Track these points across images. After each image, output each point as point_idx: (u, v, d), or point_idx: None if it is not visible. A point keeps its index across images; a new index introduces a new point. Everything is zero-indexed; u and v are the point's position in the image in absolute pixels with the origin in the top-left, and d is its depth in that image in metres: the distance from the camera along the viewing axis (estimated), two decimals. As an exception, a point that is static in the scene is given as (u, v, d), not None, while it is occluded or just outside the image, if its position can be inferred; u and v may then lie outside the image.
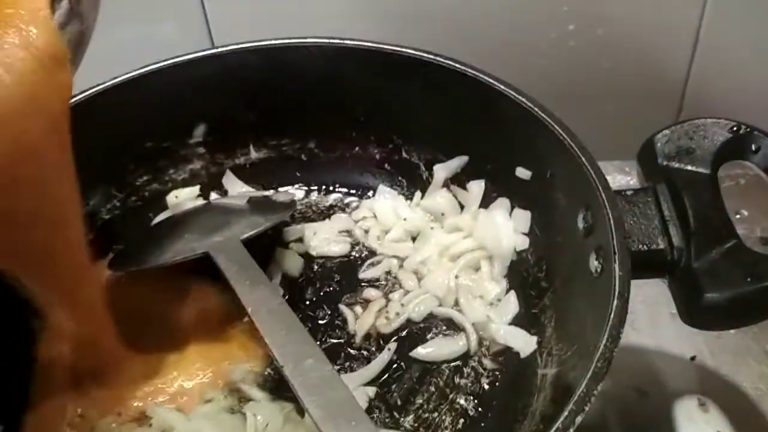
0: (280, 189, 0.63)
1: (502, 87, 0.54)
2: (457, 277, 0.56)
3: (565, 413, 0.37)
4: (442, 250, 0.58)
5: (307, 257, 0.59)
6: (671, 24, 0.77)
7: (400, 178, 0.64)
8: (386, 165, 0.64)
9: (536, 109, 0.52)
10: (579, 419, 0.37)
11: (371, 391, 0.50)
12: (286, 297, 0.55)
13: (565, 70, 0.81)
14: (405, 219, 0.61)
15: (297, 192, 0.64)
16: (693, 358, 0.60)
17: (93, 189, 0.59)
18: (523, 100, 0.53)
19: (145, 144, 0.61)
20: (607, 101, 0.83)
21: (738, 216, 0.71)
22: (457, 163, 0.61)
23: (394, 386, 0.51)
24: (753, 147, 0.50)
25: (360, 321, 0.54)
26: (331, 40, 0.60)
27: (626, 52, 0.80)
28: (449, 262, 0.57)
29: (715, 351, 0.61)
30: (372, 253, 0.60)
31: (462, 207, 0.61)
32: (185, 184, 0.63)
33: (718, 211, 0.47)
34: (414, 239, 0.60)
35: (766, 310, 0.45)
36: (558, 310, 0.52)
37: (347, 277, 0.58)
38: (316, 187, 0.65)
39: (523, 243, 0.56)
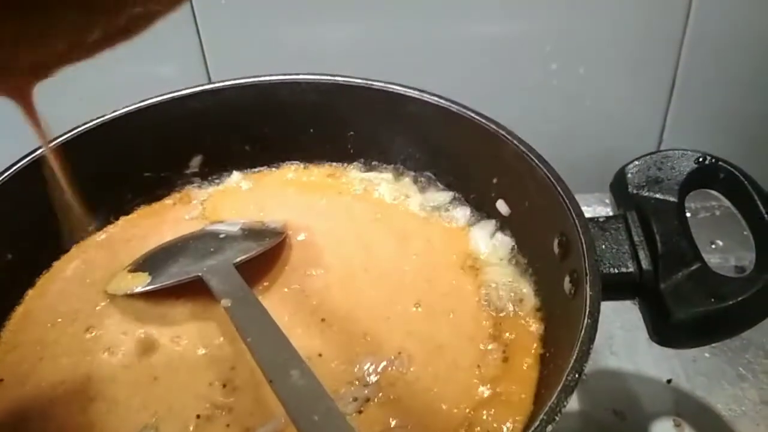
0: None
1: (483, 121, 0.57)
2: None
3: (537, 423, 0.40)
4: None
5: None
6: (649, 62, 0.81)
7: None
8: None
9: (515, 141, 0.55)
10: (549, 428, 0.39)
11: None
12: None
13: (548, 107, 0.84)
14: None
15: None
16: (669, 381, 0.63)
17: (93, 216, 0.61)
18: (503, 133, 0.56)
19: (143, 174, 0.64)
20: (588, 136, 0.87)
21: (713, 246, 0.74)
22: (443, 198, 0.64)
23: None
24: (718, 176, 0.53)
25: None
26: (323, 77, 0.63)
27: (607, 90, 0.83)
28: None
29: (691, 374, 0.63)
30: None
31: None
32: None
33: (684, 236, 0.50)
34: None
35: (729, 328, 0.48)
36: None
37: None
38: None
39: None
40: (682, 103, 0.84)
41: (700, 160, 0.54)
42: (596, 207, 0.77)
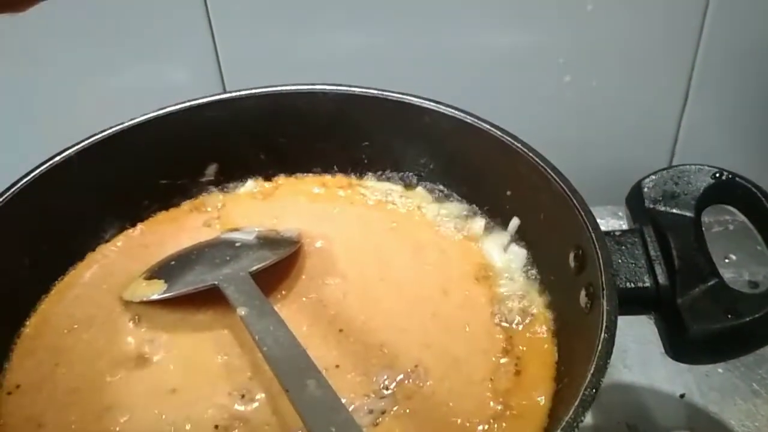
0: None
1: (499, 133, 0.58)
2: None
3: (554, 438, 0.40)
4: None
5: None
6: (662, 75, 0.81)
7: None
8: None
9: (530, 154, 0.55)
10: (567, 444, 0.39)
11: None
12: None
13: (561, 119, 0.84)
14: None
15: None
16: (682, 396, 0.63)
17: (110, 223, 0.62)
18: (519, 145, 0.56)
19: (160, 181, 0.64)
20: (602, 149, 0.87)
21: (727, 260, 0.74)
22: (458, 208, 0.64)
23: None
24: (734, 192, 0.53)
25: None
26: (339, 87, 0.63)
27: (620, 102, 0.83)
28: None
29: (704, 389, 0.63)
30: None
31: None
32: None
33: (700, 251, 0.50)
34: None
35: (745, 344, 0.48)
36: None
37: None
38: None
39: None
40: (695, 116, 0.84)
41: (717, 175, 0.54)
42: (609, 219, 0.77)
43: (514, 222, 0.60)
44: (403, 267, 0.58)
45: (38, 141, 0.60)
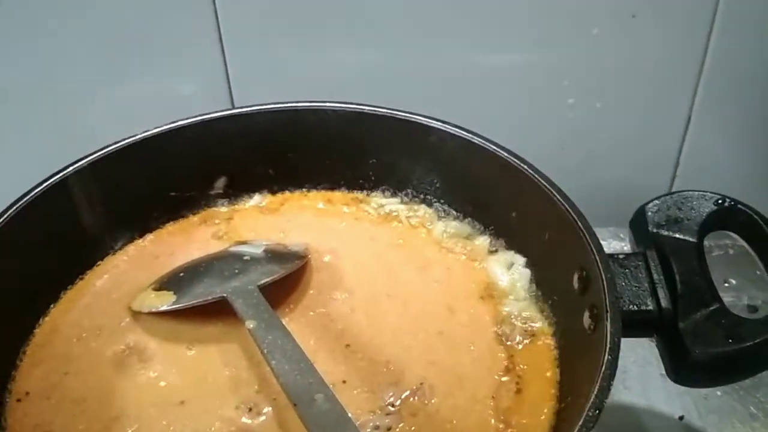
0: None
1: (505, 154, 0.59)
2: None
3: (557, 457, 0.40)
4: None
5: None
6: (665, 99, 0.82)
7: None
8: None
9: (537, 176, 0.56)
10: (570, 463, 0.40)
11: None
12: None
13: (564, 141, 0.85)
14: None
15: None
16: (681, 418, 0.63)
17: (120, 234, 0.63)
18: (525, 167, 0.57)
19: (169, 193, 0.65)
20: (604, 170, 0.88)
21: (726, 284, 0.75)
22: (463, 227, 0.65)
23: None
24: (736, 219, 0.54)
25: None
26: (349, 105, 0.64)
27: (622, 125, 0.85)
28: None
29: (703, 412, 0.63)
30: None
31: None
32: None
33: (703, 276, 0.51)
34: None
35: (746, 369, 0.49)
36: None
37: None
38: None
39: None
40: (697, 140, 0.85)
41: (720, 202, 0.55)
42: (611, 241, 0.78)
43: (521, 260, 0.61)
44: (409, 283, 0.59)
45: (50, 152, 0.61)
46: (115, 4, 0.75)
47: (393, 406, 0.50)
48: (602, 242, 0.51)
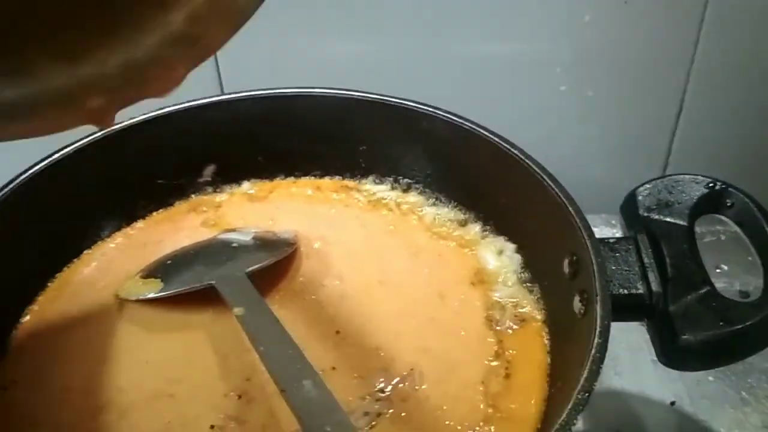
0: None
1: (496, 140, 0.58)
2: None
3: (547, 440, 0.40)
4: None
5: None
6: (657, 86, 0.82)
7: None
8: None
9: (528, 161, 0.56)
10: (559, 448, 0.40)
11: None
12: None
13: (557, 127, 0.85)
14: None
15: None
16: (673, 403, 0.63)
17: (107, 222, 0.62)
18: (516, 152, 0.57)
19: (156, 181, 0.65)
20: (595, 157, 0.88)
21: (718, 270, 0.75)
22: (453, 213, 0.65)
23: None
24: (727, 202, 0.54)
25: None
26: (338, 91, 0.64)
27: (614, 112, 0.84)
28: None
29: (694, 397, 0.63)
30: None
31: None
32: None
33: (693, 260, 0.51)
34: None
35: (736, 351, 0.48)
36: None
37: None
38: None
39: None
40: (689, 127, 0.85)
41: (711, 185, 0.54)
42: (602, 228, 0.78)
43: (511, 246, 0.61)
44: (400, 270, 0.58)
45: (35, 139, 0.60)
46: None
47: (383, 392, 0.49)
48: (594, 229, 0.51)
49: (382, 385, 0.50)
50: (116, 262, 0.60)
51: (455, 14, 0.77)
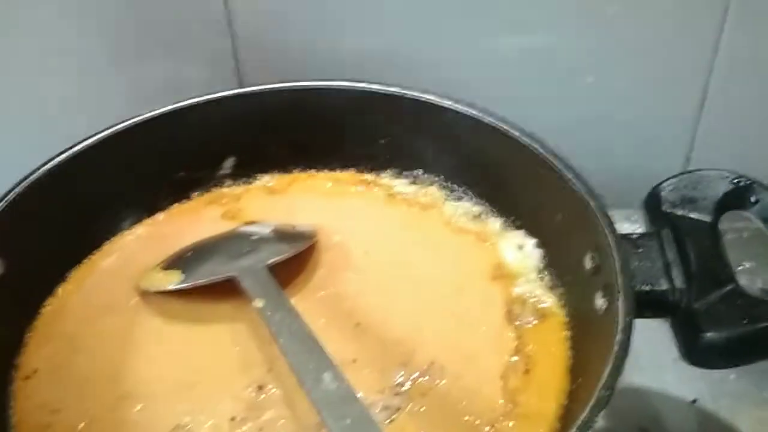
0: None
1: (518, 134, 0.58)
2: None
3: (569, 438, 0.40)
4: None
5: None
6: (680, 79, 0.81)
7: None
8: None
9: (549, 155, 0.55)
10: (581, 444, 0.40)
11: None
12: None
13: (578, 122, 0.84)
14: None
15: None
16: (694, 401, 0.62)
17: (128, 213, 0.63)
18: (537, 146, 0.56)
19: (177, 173, 0.65)
20: (617, 151, 0.87)
21: (740, 267, 0.74)
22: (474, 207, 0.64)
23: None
24: (753, 198, 0.53)
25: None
26: (358, 84, 0.64)
27: (638, 105, 0.83)
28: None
29: (716, 395, 0.63)
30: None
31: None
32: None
33: (718, 256, 0.50)
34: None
35: (761, 350, 0.48)
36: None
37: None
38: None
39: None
40: (712, 121, 0.83)
41: (736, 180, 0.54)
42: (623, 223, 0.77)
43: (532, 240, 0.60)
44: (420, 264, 0.58)
45: (56, 132, 0.60)
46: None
47: (403, 386, 0.49)
48: (614, 224, 0.50)
49: (401, 379, 0.49)
50: (137, 253, 0.60)
51: (480, 6, 0.76)
